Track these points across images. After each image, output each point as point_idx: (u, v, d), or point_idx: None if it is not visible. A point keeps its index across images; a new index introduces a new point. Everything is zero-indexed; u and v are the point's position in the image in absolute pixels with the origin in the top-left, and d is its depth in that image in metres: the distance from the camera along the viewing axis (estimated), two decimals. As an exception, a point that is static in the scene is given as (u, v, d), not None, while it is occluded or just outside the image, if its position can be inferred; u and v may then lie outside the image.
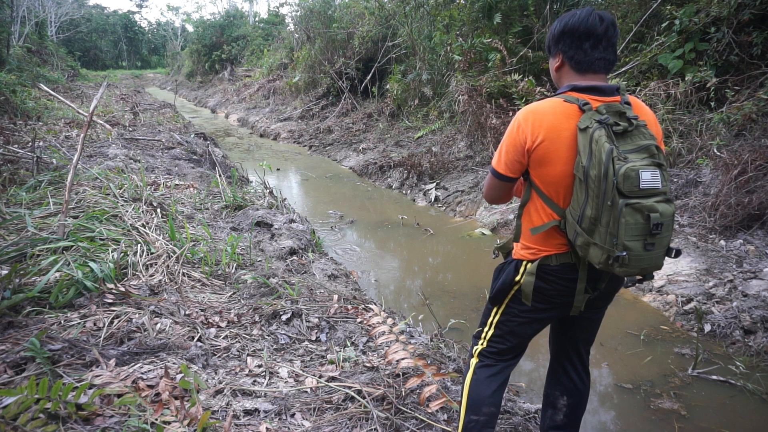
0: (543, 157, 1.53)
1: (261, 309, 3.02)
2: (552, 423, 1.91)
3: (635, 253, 1.43)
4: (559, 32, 1.58)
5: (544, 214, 1.59)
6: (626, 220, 1.40)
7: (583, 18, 1.53)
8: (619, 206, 1.39)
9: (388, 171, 8.20)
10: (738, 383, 2.89)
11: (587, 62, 1.56)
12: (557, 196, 1.56)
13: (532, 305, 1.66)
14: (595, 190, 1.42)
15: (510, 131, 1.59)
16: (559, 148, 1.51)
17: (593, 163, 1.42)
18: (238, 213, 5.01)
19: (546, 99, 1.59)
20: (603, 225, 1.43)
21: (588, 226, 1.46)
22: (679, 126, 5.46)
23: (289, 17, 18.42)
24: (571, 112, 1.51)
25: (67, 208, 3.62)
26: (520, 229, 1.68)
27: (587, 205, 1.45)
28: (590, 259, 1.50)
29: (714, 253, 4.19)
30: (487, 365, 1.79)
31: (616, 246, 1.42)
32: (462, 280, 4.47)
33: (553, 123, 1.51)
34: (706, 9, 5.51)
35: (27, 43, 20.40)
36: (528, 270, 1.62)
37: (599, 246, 1.45)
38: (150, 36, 52.94)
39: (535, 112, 1.54)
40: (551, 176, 1.54)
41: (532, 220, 1.63)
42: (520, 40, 7.73)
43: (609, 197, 1.41)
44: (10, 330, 2.43)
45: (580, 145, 1.46)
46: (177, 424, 1.87)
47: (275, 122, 13.43)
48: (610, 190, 1.40)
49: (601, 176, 1.40)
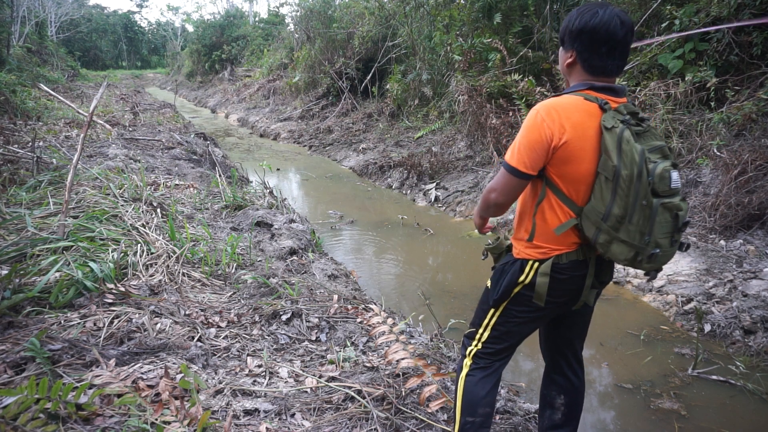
0: (569, 155, 1.50)
1: (261, 309, 3.02)
2: (551, 422, 1.90)
3: (664, 249, 1.50)
4: (577, 30, 1.53)
5: (561, 212, 1.57)
6: (659, 219, 1.46)
7: (605, 21, 1.48)
8: (654, 206, 1.45)
9: (388, 171, 8.20)
10: (738, 383, 2.89)
11: (601, 67, 1.54)
12: (576, 194, 1.54)
13: (535, 305, 1.65)
14: (626, 189, 1.44)
15: (532, 127, 1.51)
16: (585, 147, 1.49)
17: (625, 163, 1.43)
18: (238, 213, 5.01)
19: (564, 95, 1.55)
20: (633, 223, 1.46)
21: (614, 224, 1.48)
22: (679, 126, 5.45)
23: (289, 17, 18.45)
24: (593, 110, 1.50)
25: (67, 208, 3.62)
26: (535, 229, 1.62)
27: (614, 203, 1.46)
28: (613, 255, 1.52)
29: (714, 253, 4.19)
30: (482, 367, 1.77)
31: (649, 244, 1.47)
32: (462, 280, 4.47)
33: (578, 120, 1.49)
34: (706, 9, 5.51)
35: (27, 43, 20.40)
36: (541, 270, 1.60)
37: (628, 243, 1.48)
38: (150, 36, 52.92)
39: (557, 108, 1.50)
40: (575, 174, 1.52)
41: (546, 219, 1.59)
42: (520, 40, 7.73)
43: (642, 197, 1.44)
44: (10, 330, 2.43)
45: (608, 144, 1.45)
46: (177, 424, 1.87)
47: (275, 122, 13.43)
48: (644, 190, 1.44)
49: (634, 176, 1.43)
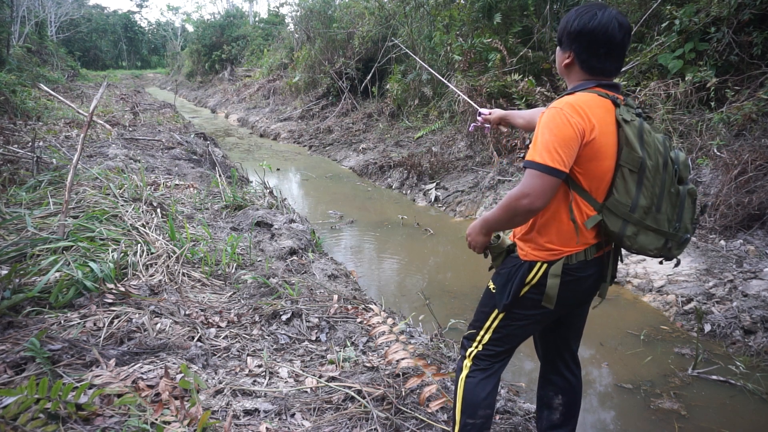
0: (596, 152, 1.49)
1: (261, 309, 3.02)
2: (549, 423, 1.89)
3: (691, 234, 1.57)
4: (576, 31, 1.53)
5: (583, 209, 1.54)
6: (687, 204, 1.53)
7: (603, 23, 1.48)
8: (682, 193, 1.52)
9: (388, 171, 8.20)
10: (738, 383, 2.89)
11: (600, 68, 1.55)
12: (597, 190, 1.53)
13: (542, 307, 1.61)
14: (652, 179, 1.48)
15: (561, 125, 1.45)
16: (608, 143, 1.50)
17: (650, 153, 1.47)
18: (238, 213, 5.01)
19: (578, 93, 1.53)
20: (663, 212, 1.51)
21: (642, 215, 1.50)
22: (679, 126, 5.46)
23: (289, 17, 18.46)
24: (608, 106, 1.52)
25: (67, 208, 3.62)
26: (548, 230, 1.58)
27: (641, 195, 1.49)
28: (640, 246, 1.54)
29: (714, 253, 4.19)
30: (482, 368, 1.75)
31: (679, 230, 1.54)
32: (462, 280, 4.47)
33: (601, 116, 1.49)
34: (706, 9, 5.51)
35: (27, 43, 20.40)
36: (552, 272, 1.56)
37: (658, 231, 1.52)
38: (150, 36, 52.92)
39: (582, 105, 1.47)
40: (599, 171, 1.51)
41: (562, 218, 1.55)
42: (520, 40, 7.72)
43: (669, 185, 1.50)
44: (10, 330, 2.43)
45: (629, 137, 1.48)
46: (177, 424, 1.87)
47: (275, 122, 13.43)
48: (671, 178, 1.50)
49: (660, 166, 1.48)
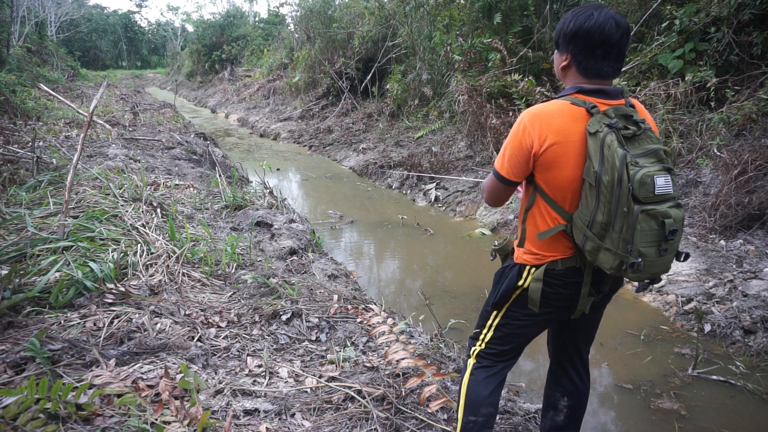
0: (551, 161, 1.49)
1: (261, 309, 3.02)
2: (553, 424, 1.91)
3: (650, 258, 1.42)
4: (572, 33, 1.51)
5: (550, 218, 1.56)
6: (641, 226, 1.38)
7: (600, 24, 1.46)
8: (634, 213, 1.38)
9: (388, 171, 8.20)
10: (738, 383, 2.89)
11: (596, 69, 1.52)
12: (564, 200, 1.53)
13: (531, 309, 1.64)
14: (608, 195, 1.40)
15: (515, 134, 1.53)
16: (568, 152, 1.47)
17: (606, 169, 1.39)
18: (238, 213, 5.01)
19: (551, 101, 1.54)
20: (616, 231, 1.41)
21: (599, 231, 1.44)
22: (679, 126, 5.45)
23: (289, 17, 18.48)
24: (578, 115, 1.47)
25: (67, 208, 3.62)
26: (525, 234, 1.64)
27: (598, 210, 1.43)
28: (600, 264, 1.48)
29: (714, 253, 4.19)
30: (485, 366, 1.78)
31: (631, 252, 1.40)
32: (462, 280, 4.47)
33: (561, 126, 1.47)
34: (706, 9, 5.51)
35: (27, 43, 20.38)
36: (534, 276, 1.59)
37: (612, 252, 1.43)
38: (150, 36, 52.96)
39: (541, 115, 1.49)
40: (559, 180, 1.51)
41: (537, 224, 1.59)
42: (520, 40, 7.72)
43: (624, 203, 1.38)
44: (10, 330, 2.43)
45: (591, 150, 1.42)
46: (177, 424, 1.87)
47: (275, 122, 13.43)
48: (625, 197, 1.38)
49: (614, 182, 1.38)
